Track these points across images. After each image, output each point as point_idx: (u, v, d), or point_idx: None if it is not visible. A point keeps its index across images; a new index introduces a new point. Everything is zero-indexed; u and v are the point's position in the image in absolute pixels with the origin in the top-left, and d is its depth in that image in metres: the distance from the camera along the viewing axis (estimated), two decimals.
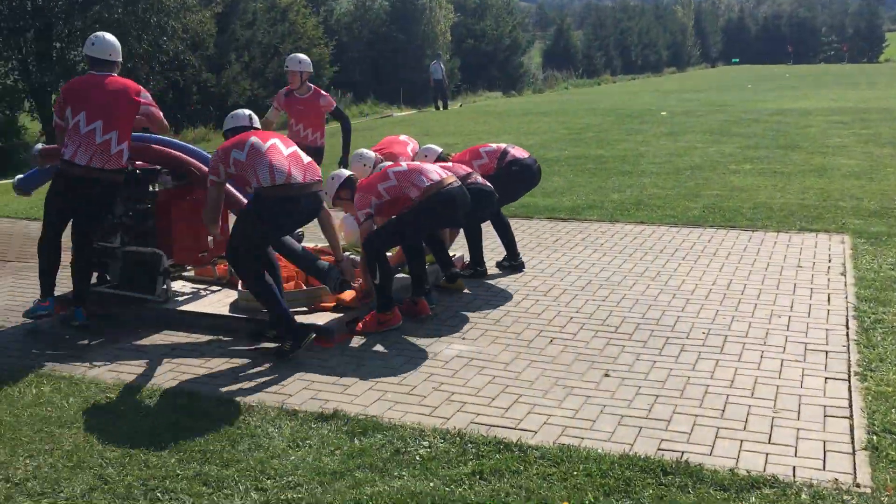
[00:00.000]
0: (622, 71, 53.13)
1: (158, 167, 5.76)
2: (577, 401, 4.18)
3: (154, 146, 5.78)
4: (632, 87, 38.06)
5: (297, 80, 7.76)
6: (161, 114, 5.59)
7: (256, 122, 5.36)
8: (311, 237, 7.43)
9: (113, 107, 5.27)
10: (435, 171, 5.47)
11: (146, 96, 5.48)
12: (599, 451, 3.63)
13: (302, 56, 7.89)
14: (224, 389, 4.42)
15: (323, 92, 7.96)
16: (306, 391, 4.38)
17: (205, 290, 5.98)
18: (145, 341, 5.22)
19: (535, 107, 24.90)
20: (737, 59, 64.52)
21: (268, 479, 3.44)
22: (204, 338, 5.22)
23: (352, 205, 5.50)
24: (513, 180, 6.63)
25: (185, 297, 5.79)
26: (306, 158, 5.03)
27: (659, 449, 3.66)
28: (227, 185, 5.28)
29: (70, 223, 5.47)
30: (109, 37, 5.49)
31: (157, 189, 5.78)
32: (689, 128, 16.63)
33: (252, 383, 4.50)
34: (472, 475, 3.44)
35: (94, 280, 5.85)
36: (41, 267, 5.48)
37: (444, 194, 5.35)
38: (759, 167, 11.36)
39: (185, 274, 6.23)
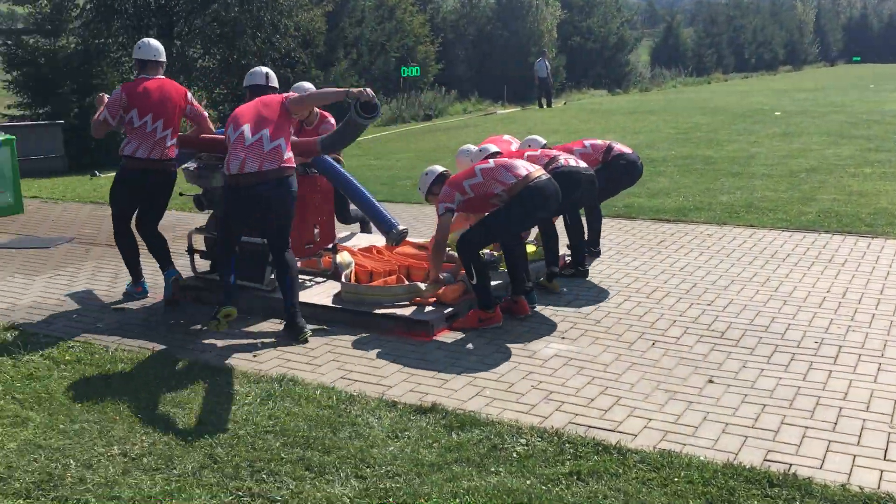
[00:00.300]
0: (734, 69, 51.44)
1: None
2: (680, 406, 4.09)
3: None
4: (744, 85, 36.80)
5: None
6: (206, 114, 6.09)
7: (273, 81, 5.78)
8: (415, 234, 7.52)
9: (170, 107, 5.80)
10: (522, 167, 5.39)
11: (191, 98, 6.00)
12: (702, 458, 3.54)
13: (307, 84, 7.09)
14: (327, 377, 4.53)
15: (331, 120, 6.87)
16: (406, 383, 4.44)
17: (310, 280, 6.15)
18: (253, 328, 5.41)
19: (641, 105, 24.42)
20: (858, 58, 61.38)
21: (367, 467, 3.51)
22: (308, 327, 5.36)
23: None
24: (618, 175, 6.59)
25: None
26: (269, 146, 5.09)
27: (765, 460, 3.53)
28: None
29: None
30: (154, 41, 6.07)
31: None
32: (805, 129, 15.96)
33: (353, 373, 4.60)
34: (569, 475, 3.41)
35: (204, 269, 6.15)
36: (124, 258, 6.10)
37: (532, 189, 5.27)
38: (880, 171, 10.80)
39: None
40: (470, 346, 5.02)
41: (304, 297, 5.74)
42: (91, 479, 3.42)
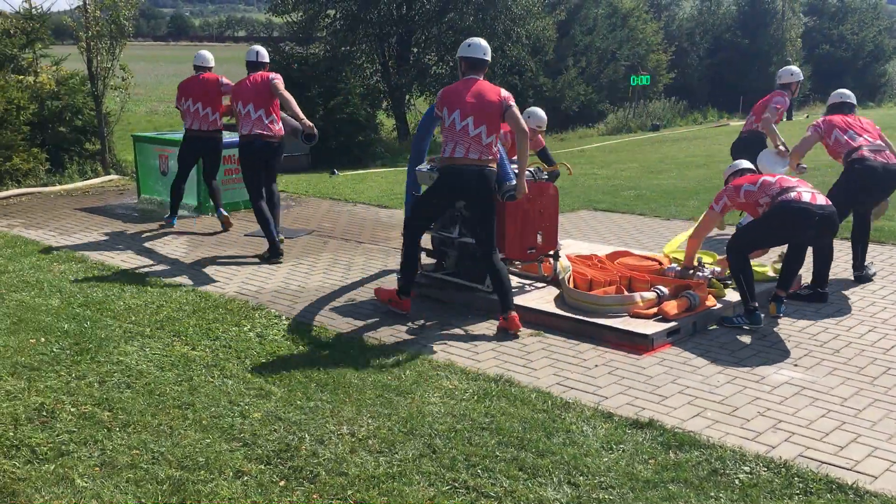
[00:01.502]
0: None
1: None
2: None
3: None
4: None
5: None
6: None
7: (262, 57, 7.65)
8: (635, 244, 7.36)
9: (211, 94, 8.48)
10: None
11: (224, 81, 8.50)
12: None
13: (541, 113, 7.55)
14: (542, 381, 4.56)
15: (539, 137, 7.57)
16: (622, 396, 4.37)
17: (530, 285, 6.21)
18: (472, 327, 5.56)
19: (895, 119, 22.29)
20: None
21: (580, 475, 3.49)
22: (526, 331, 5.43)
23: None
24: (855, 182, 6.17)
25: (512, 290, 6.05)
26: (266, 120, 7.42)
27: None
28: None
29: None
30: (207, 53, 8.77)
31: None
32: None
33: (569, 380, 4.59)
34: None
35: (422, 265, 6.40)
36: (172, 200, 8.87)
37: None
38: None
39: (512, 269, 6.51)
40: (692, 364, 4.84)
41: (523, 301, 5.81)
42: (322, 454, 3.68)
